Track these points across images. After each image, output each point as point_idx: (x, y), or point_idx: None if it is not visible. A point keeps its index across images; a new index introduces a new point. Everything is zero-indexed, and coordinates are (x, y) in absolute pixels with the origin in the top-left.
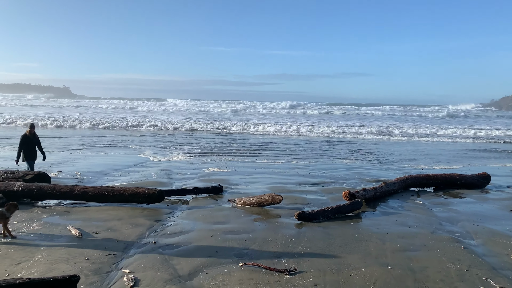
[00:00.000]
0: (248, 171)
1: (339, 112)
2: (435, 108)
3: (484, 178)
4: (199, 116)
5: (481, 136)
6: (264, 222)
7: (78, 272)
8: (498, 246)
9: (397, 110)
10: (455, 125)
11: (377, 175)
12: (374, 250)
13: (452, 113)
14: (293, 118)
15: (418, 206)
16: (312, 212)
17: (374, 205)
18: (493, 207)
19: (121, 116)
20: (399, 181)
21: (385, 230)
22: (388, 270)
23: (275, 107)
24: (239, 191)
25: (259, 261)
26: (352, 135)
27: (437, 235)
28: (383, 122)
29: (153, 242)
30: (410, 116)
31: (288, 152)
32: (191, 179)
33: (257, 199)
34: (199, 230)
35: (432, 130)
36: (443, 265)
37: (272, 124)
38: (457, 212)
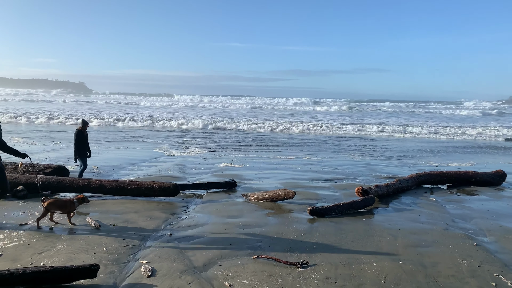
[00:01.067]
0: (261, 167)
1: (356, 108)
2: (453, 105)
3: (500, 176)
4: (212, 112)
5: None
6: (276, 216)
7: (97, 261)
8: (511, 243)
9: (415, 106)
10: (470, 123)
11: (390, 172)
12: (386, 246)
13: (471, 110)
14: (308, 115)
15: (431, 203)
16: (325, 208)
17: (387, 202)
18: (507, 205)
19: (134, 111)
20: (412, 178)
21: (397, 226)
22: (399, 265)
23: (288, 103)
24: (252, 186)
25: (271, 254)
26: (368, 132)
27: (449, 231)
28: (398, 118)
29: (169, 234)
30: (428, 113)
31: (302, 148)
32: (205, 174)
33: (270, 194)
34: (213, 223)
35: (451, 129)
36: (455, 261)
37: (288, 121)
38: (470, 209)
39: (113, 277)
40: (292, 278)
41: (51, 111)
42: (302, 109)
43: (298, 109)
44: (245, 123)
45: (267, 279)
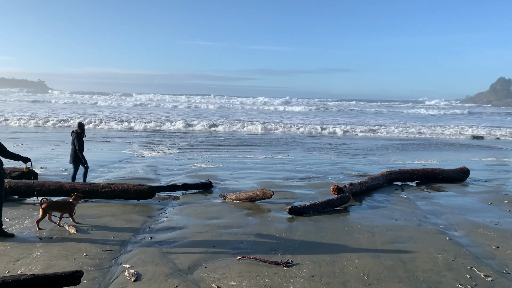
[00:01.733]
0: (235, 167)
1: (322, 107)
2: (416, 104)
3: (464, 173)
4: (180, 112)
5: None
6: (256, 216)
7: (79, 267)
8: (480, 237)
9: (380, 106)
10: (432, 121)
11: (361, 170)
12: (365, 242)
13: (428, 109)
14: (278, 114)
15: (403, 200)
16: (303, 207)
17: (361, 199)
18: (473, 200)
19: (99, 112)
20: (384, 175)
21: (373, 223)
22: (380, 261)
23: (256, 102)
24: (228, 187)
25: (255, 254)
26: (336, 131)
27: (423, 227)
28: (365, 117)
29: (150, 238)
30: (392, 112)
31: (274, 147)
32: (178, 175)
33: (248, 194)
34: (193, 225)
35: (411, 128)
36: (431, 255)
37: (257, 121)
38: (440, 205)
39: (97, 283)
40: (279, 278)
41: (4, 111)
42: (272, 109)
43: (267, 109)
44: (216, 123)
45: (254, 279)
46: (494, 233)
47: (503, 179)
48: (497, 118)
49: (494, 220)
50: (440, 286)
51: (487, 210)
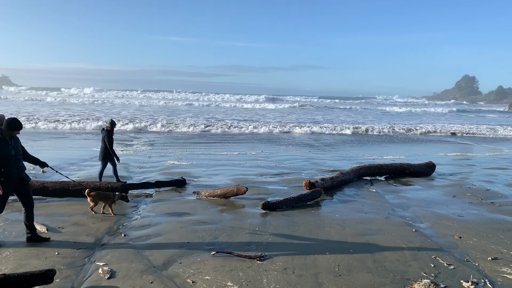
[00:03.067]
0: (209, 164)
1: (296, 105)
2: (386, 101)
3: (430, 167)
4: (153, 109)
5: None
6: (230, 212)
7: (51, 266)
8: (444, 228)
9: (352, 103)
10: (402, 118)
11: (332, 165)
12: (336, 235)
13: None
14: (253, 112)
15: (372, 194)
16: (276, 202)
17: (332, 194)
18: (438, 193)
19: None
20: (354, 170)
21: (344, 216)
22: (350, 253)
23: (230, 99)
24: (202, 184)
25: (229, 249)
26: (310, 128)
27: (391, 220)
28: (337, 114)
29: (123, 235)
30: (364, 109)
31: (247, 144)
32: (151, 172)
33: (222, 191)
34: (167, 222)
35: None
36: (398, 246)
37: (231, 118)
38: (407, 198)
39: (70, 281)
40: (253, 271)
41: None
42: (249, 106)
43: (240, 106)
44: (185, 122)
45: (229, 273)
46: (457, 224)
47: (466, 173)
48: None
49: (457, 212)
50: (406, 275)
51: (451, 203)
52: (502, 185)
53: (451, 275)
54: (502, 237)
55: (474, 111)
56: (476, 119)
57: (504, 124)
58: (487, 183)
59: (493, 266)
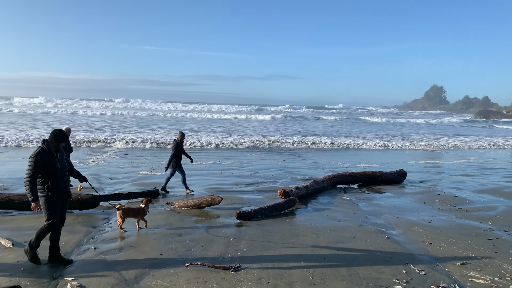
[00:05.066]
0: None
1: (279, 115)
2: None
3: (401, 175)
4: (127, 120)
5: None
6: (205, 223)
7: (16, 282)
8: (415, 234)
9: (327, 113)
10: (377, 127)
11: (306, 174)
12: (310, 244)
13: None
14: (230, 122)
15: (346, 202)
16: (251, 211)
17: (306, 202)
18: (409, 200)
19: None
20: (327, 179)
21: (318, 225)
22: (324, 261)
23: (205, 109)
24: (175, 194)
25: (204, 260)
26: (284, 138)
27: (364, 227)
28: (315, 125)
29: (93, 248)
30: (341, 119)
31: (222, 153)
32: (124, 183)
33: (196, 201)
34: (139, 234)
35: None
36: (371, 254)
37: (204, 128)
38: (379, 206)
39: None
40: (227, 282)
41: None
42: (227, 117)
43: (216, 117)
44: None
45: (203, 285)
46: (428, 231)
47: (436, 180)
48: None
49: (428, 219)
50: (379, 282)
51: (422, 209)
52: (470, 191)
53: (422, 281)
54: (470, 242)
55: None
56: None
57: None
58: (456, 190)
59: (462, 270)
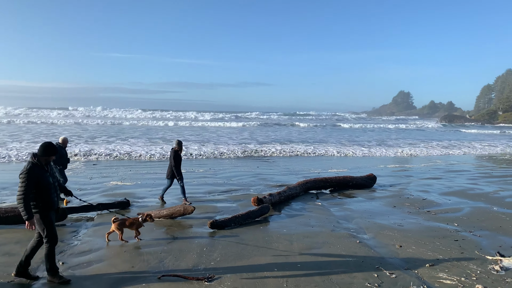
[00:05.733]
0: (155, 183)
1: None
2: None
3: (371, 179)
4: (96, 128)
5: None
6: (177, 233)
7: None
8: (385, 238)
9: (300, 120)
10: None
11: (279, 180)
12: (284, 251)
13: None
14: (204, 129)
15: (318, 207)
16: (224, 220)
17: (280, 209)
18: (379, 204)
19: None
20: (300, 184)
21: (291, 231)
22: (297, 268)
23: (176, 116)
24: (147, 204)
25: (177, 272)
26: (258, 144)
27: (336, 232)
28: (289, 132)
29: (61, 263)
30: (314, 126)
31: (195, 161)
32: (93, 194)
33: (168, 211)
34: (110, 247)
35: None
36: (343, 258)
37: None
38: (351, 210)
39: None
40: None
41: None
42: (199, 124)
43: (189, 125)
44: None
45: None
46: (398, 234)
47: (405, 184)
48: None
49: (398, 222)
50: (352, 286)
51: (392, 213)
52: (437, 194)
53: (393, 284)
54: (438, 244)
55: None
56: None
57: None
58: (424, 193)
59: (430, 272)
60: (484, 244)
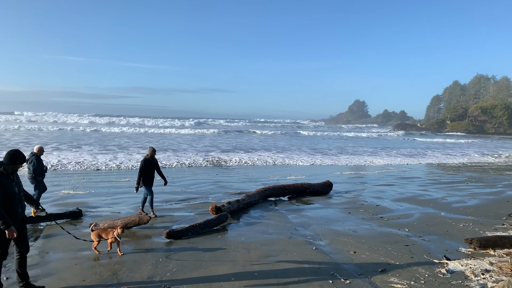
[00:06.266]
0: (109, 192)
1: (211, 131)
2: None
3: (328, 186)
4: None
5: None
6: (132, 244)
7: None
8: (340, 244)
9: (261, 127)
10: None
11: (239, 188)
12: (241, 260)
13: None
14: (162, 136)
15: (276, 215)
16: (181, 229)
17: (238, 217)
18: (335, 210)
19: None
20: (259, 192)
21: (249, 239)
22: (255, 277)
23: (131, 122)
24: (101, 214)
25: (130, 284)
26: (217, 152)
27: (293, 239)
28: (248, 139)
29: (5, 278)
30: (273, 135)
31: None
32: (43, 204)
33: (123, 221)
34: (59, 260)
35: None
36: (300, 265)
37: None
38: (308, 217)
39: None
40: None
41: None
42: (157, 131)
43: (147, 132)
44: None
45: None
46: (352, 240)
47: (359, 190)
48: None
49: (352, 228)
50: None
51: (347, 219)
52: (390, 200)
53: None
54: (390, 249)
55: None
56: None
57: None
58: (377, 199)
59: (382, 277)
60: (432, 249)
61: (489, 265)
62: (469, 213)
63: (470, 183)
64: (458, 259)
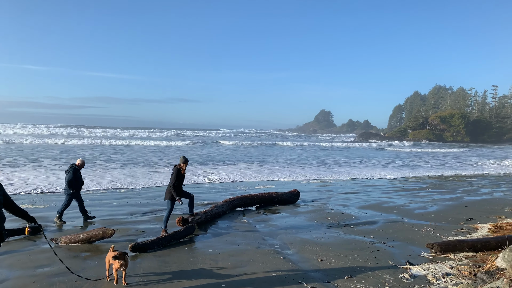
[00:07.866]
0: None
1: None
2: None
3: (295, 195)
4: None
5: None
6: (95, 258)
7: None
8: (308, 252)
9: (228, 137)
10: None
11: (207, 198)
12: (209, 272)
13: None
14: (129, 148)
15: (244, 225)
16: (147, 242)
17: (206, 228)
18: (303, 219)
19: None
20: (227, 202)
21: (217, 250)
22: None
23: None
24: (63, 228)
25: None
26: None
27: (261, 249)
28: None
29: None
30: (243, 145)
31: (116, 181)
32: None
33: (85, 235)
34: (16, 277)
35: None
36: (268, 274)
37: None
38: (276, 226)
39: None
40: None
41: None
42: (122, 143)
43: (112, 143)
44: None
45: None
46: (319, 248)
47: (326, 198)
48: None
49: (319, 236)
50: None
51: (314, 227)
52: (355, 207)
53: None
54: (355, 256)
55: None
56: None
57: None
58: (343, 207)
59: (349, 284)
60: (396, 254)
61: (449, 269)
62: (430, 219)
63: (431, 190)
64: (421, 263)
